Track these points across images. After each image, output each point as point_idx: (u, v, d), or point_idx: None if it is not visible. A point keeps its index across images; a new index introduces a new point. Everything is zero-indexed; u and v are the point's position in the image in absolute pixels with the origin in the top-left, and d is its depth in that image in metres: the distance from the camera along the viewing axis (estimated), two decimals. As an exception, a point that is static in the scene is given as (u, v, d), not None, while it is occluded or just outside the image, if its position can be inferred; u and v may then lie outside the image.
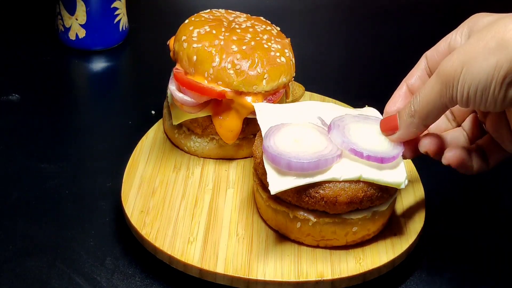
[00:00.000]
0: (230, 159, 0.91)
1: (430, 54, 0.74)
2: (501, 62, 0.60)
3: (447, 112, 0.77)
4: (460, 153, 0.71)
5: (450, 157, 0.71)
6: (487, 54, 0.61)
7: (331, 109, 0.84)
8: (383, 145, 0.75)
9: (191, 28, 0.89)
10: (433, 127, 0.76)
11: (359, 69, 1.23)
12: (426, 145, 0.72)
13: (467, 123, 0.77)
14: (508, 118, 0.68)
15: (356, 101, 1.02)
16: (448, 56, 0.65)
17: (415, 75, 0.75)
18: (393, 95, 0.77)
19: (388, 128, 0.74)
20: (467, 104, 0.64)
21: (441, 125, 0.77)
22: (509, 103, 0.62)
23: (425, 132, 0.74)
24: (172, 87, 0.89)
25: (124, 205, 0.81)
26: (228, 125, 0.88)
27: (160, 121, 0.97)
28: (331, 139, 0.75)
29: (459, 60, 0.63)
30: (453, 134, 0.76)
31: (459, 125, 0.77)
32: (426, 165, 0.96)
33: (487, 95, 0.62)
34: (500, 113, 0.70)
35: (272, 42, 0.89)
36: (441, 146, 0.73)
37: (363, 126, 0.77)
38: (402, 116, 0.71)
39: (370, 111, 0.85)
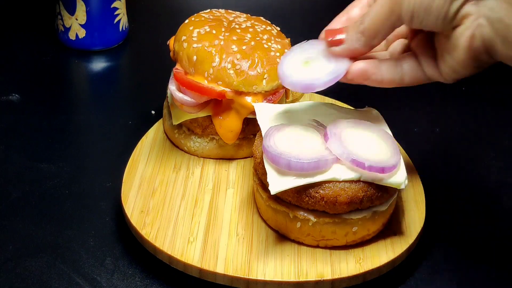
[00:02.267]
0: (230, 159, 0.91)
1: None
2: None
3: None
4: (364, 64, 0.71)
5: (353, 69, 0.71)
6: None
7: (331, 109, 0.84)
8: (381, 151, 0.75)
9: (191, 28, 0.89)
10: None
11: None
12: (353, 71, 0.72)
13: (393, 45, 0.77)
14: (435, 42, 0.69)
15: (356, 101, 1.02)
16: None
17: (355, 8, 0.75)
18: (332, 21, 0.76)
19: (333, 42, 0.72)
20: (412, 21, 0.65)
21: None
22: (451, 19, 0.64)
23: None
24: (172, 87, 0.89)
25: (124, 205, 0.81)
26: (228, 125, 0.88)
27: (160, 121, 0.97)
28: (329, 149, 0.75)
29: None
30: (376, 54, 0.76)
31: (386, 49, 0.78)
32: (426, 165, 0.96)
33: (430, 10, 0.64)
34: (428, 36, 0.70)
35: (272, 42, 0.89)
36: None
37: (357, 131, 0.77)
38: (350, 31, 0.71)
39: (370, 111, 0.85)
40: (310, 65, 0.74)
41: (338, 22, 0.75)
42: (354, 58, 0.72)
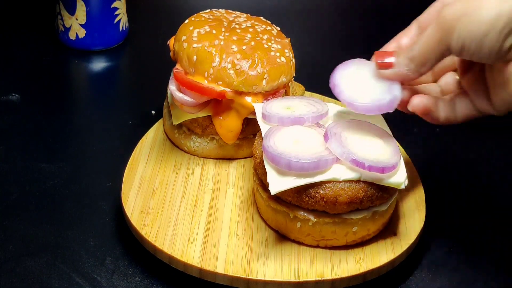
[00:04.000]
0: (230, 159, 0.91)
1: (423, 19, 0.74)
2: (502, 13, 0.61)
3: None
4: (426, 100, 0.71)
5: (415, 103, 0.71)
6: (489, 4, 0.62)
7: (331, 109, 0.84)
8: (381, 151, 0.75)
9: (191, 28, 0.89)
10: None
11: (359, 69, 1.22)
12: (415, 105, 0.72)
13: (444, 79, 0.76)
14: (487, 76, 0.69)
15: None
16: (451, 3, 0.65)
17: (405, 37, 0.75)
18: (382, 47, 0.75)
19: (383, 65, 0.71)
20: (461, 53, 0.65)
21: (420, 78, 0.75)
22: (504, 53, 0.63)
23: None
24: (172, 87, 0.89)
25: (124, 205, 0.81)
26: (228, 125, 0.88)
27: (160, 121, 0.97)
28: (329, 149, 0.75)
29: (461, 7, 0.63)
30: (427, 87, 0.76)
31: (435, 81, 0.77)
32: (426, 165, 0.96)
33: (483, 44, 0.63)
34: (480, 71, 0.70)
35: (272, 42, 0.89)
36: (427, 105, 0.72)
37: (357, 131, 0.77)
38: (400, 56, 0.70)
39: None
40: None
41: (387, 49, 0.75)
42: (402, 83, 0.72)
